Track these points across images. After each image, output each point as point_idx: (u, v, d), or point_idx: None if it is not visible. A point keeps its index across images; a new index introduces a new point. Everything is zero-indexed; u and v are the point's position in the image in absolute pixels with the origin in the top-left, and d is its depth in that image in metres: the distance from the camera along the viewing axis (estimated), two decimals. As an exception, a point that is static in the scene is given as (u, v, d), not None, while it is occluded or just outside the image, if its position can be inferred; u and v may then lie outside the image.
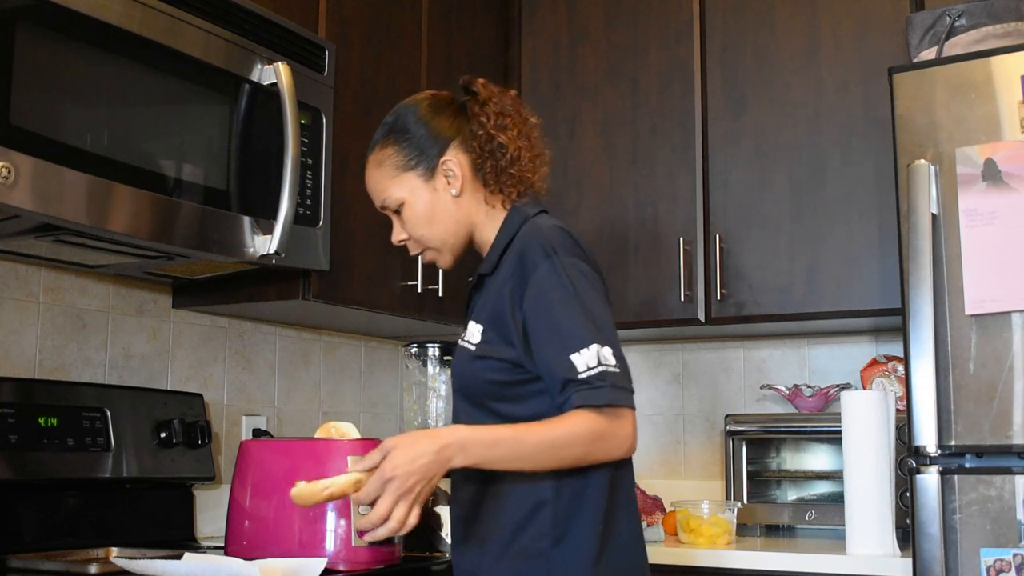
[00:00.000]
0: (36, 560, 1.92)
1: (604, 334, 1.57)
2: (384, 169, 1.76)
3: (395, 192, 1.75)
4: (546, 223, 1.70)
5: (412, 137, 1.74)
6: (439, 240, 1.76)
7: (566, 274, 1.60)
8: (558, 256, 1.61)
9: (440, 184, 1.73)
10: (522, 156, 1.74)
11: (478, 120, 1.74)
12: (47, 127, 1.71)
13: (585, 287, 1.61)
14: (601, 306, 1.62)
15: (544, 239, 1.64)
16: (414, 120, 1.75)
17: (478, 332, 1.67)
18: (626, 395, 1.56)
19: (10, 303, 2.16)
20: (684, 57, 2.99)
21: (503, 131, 1.73)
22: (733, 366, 3.23)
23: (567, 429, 1.55)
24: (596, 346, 1.55)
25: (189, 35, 1.98)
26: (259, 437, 2.53)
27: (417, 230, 1.75)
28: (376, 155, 1.77)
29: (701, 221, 2.92)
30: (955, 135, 2.18)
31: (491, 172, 1.73)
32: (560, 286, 1.59)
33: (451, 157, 1.73)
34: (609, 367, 1.55)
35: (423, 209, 1.74)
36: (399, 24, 2.71)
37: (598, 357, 1.55)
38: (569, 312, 1.58)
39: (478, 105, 1.75)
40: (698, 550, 2.55)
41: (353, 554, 1.95)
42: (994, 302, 2.09)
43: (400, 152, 1.74)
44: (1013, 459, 2.07)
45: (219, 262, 2.16)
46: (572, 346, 1.55)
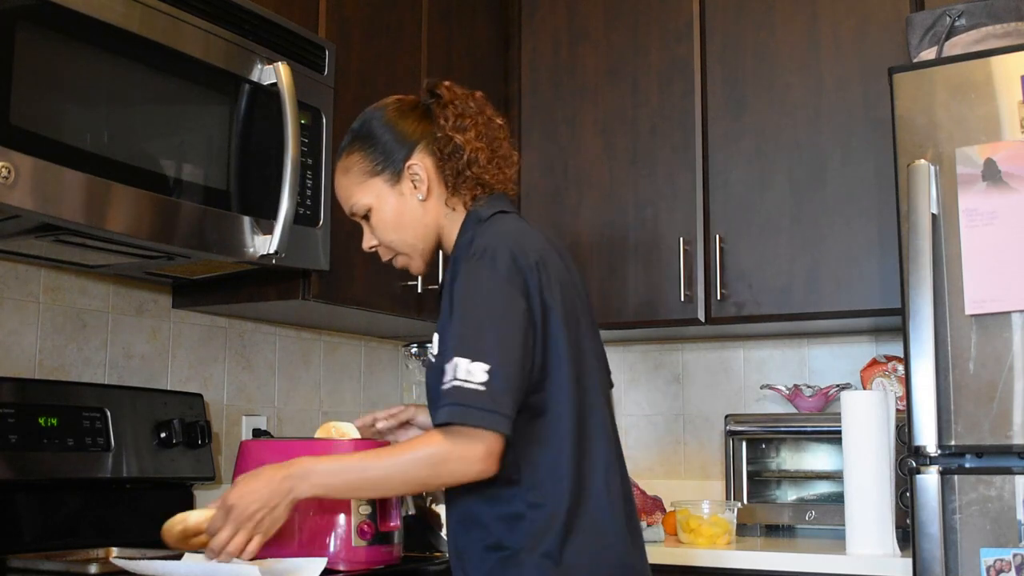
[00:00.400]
0: (36, 560, 1.92)
1: (482, 349, 1.51)
2: (351, 176, 1.75)
3: (362, 198, 1.74)
4: (496, 228, 1.65)
5: (377, 142, 1.73)
6: (408, 245, 1.75)
7: (467, 280, 1.57)
8: (470, 261, 1.58)
9: (407, 188, 1.72)
10: (479, 157, 1.71)
11: (439, 122, 1.72)
12: (47, 127, 1.71)
13: (481, 296, 1.55)
14: (497, 319, 1.54)
15: (477, 243, 1.60)
16: (379, 125, 1.75)
17: (436, 341, 1.65)
18: (479, 415, 1.48)
19: (10, 303, 2.16)
20: (684, 57, 2.99)
21: (460, 132, 1.71)
22: (733, 366, 3.23)
23: (410, 454, 1.55)
24: (461, 359, 1.50)
25: (189, 35, 1.98)
26: (259, 437, 2.53)
27: (386, 236, 1.75)
28: (343, 162, 1.77)
29: (701, 221, 2.92)
30: (955, 135, 2.18)
31: (450, 174, 1.72)
32: (457, 293, 1.57)
33: (416, 161, 1.72)
34: (466, 383, 1.49)
35: (390, 214, 1.73)
36: (399, 24, 2.71)
37: (456, 370, 1.50)
38: (455, 318, 1.55)
39: (439, 107, 1.74)
40: (698, 550, 2.55)
41: (353, 554, 1.95)
42: (994, 302, 2.09)
43: (366, 158, 1.74)
44: (1013, 459, 2.07)
45: (219, 262, 2.16)
46: (445, 355, 1.54)
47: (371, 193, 1.73)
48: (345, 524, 1.94)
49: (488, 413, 1.49)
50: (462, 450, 1.51)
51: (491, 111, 1.77)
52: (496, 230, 1.64)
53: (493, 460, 1.52)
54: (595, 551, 1.59)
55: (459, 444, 1.51)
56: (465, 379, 1.49)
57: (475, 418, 1.49)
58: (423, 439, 1.56)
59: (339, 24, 2.49)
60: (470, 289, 1.57)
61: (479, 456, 1.51)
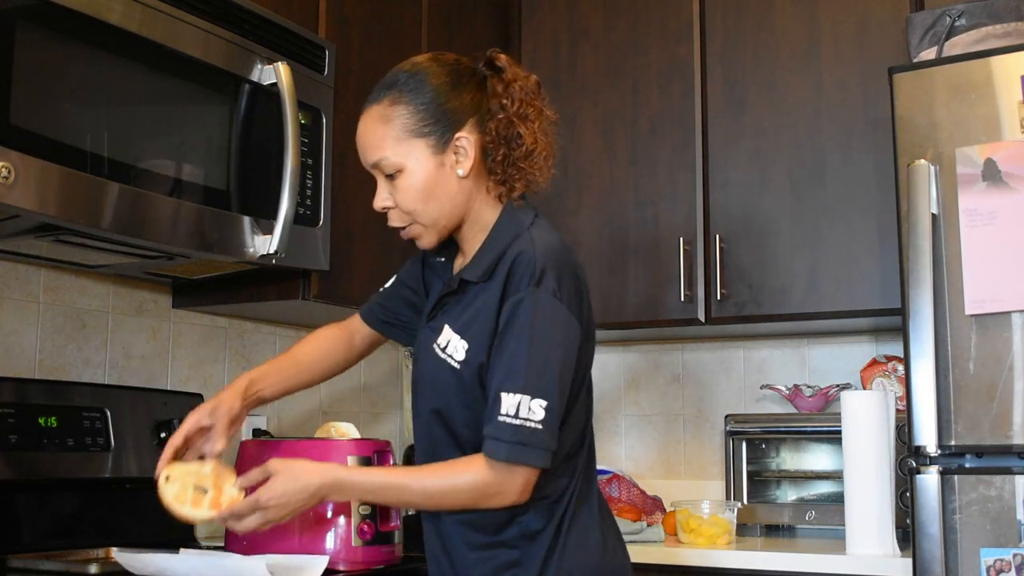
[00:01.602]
0: (36, 560, 1.92)
1: (543, 385, 1.50)
2: (390, 127, 1.60)
3: (396, 156, 1.60)
4: (543, 239, 1.59)
5: (429, 102, 1.59)
6: (430, 218, 1.63)
7: (535, 311, 1.52)
8: (539, 288, 1.53)
9: (449, 160, 1.60)
10: (537, 152, 1.63)
11: (499, 101, 1.61)
12: (47, 127, 1.71)
13: (546, 330, 1.52)
14: (557, 354, 1.53)
15: (536, 263, 1.54)
16: (436, 83, 1.60)
17: (462, 349, 1.59)
18: (532, 453, 1.50)
19: (10, 303, 2.16)
20: (684, 57, 2.99)
21: (524, 121, 1.61)
22: (733, 366, 3.23)
23: (455, 482, 1.54)
24: (523, 396, 1.49)
25: (189, 35, 1.98)
26: (259, 437, 2.53)
27: (410, 203, 1.61)
28: (383, 109, 1.61)
29: (701, 221, 2.92)
30: (955, 135, 2.18)
31: (500, 161, 1.61)
32: (524, 320, 1.52)
33: (466, 134, 1.60)
34: (528, 422, 1.49)
35: (423, 182, 1.60)
36: (399, 24, 2.71)
37: (518, 407, 1.49)
38: (519, 349, 1.51)
39: (501, 84, 1.63)
40: (698, 550, 2.55)
41: (353, 554, 1.95)
42: (994, 302, 2.09)
43: (414, 115, 1.59)
44: (1013, 459, 2.07)
45: (219, 262, 2.16)
46: (504, 384, 1.51)
47: (409, 154, 1.59)
48: (345, 524, 1.94)
49: (539, 451, 1.51)
50: (504, 484, 1.52)
51: (545, 102, 1.68)
52: (550, 245, 1.59)
53: (528, 491, 1.54)
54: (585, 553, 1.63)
55: (502, 477, 1.51)
56: (527, 417, 1.49)
57: (531, 457, 1.50)
58: (465, 466, 1.54)
59: (339, 24, 2.49)
60: (540, 319, 1.52)
61: (518, 490, 1.53)
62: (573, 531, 1.61)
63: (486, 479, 1.52)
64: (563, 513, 1.60)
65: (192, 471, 1.68)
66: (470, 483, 1.53)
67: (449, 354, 1.60)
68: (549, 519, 1.59)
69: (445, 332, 1.62)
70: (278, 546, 1.94)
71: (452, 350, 1.60)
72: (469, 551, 1.62)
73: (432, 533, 1.68)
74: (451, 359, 1.60)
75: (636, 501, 2.89)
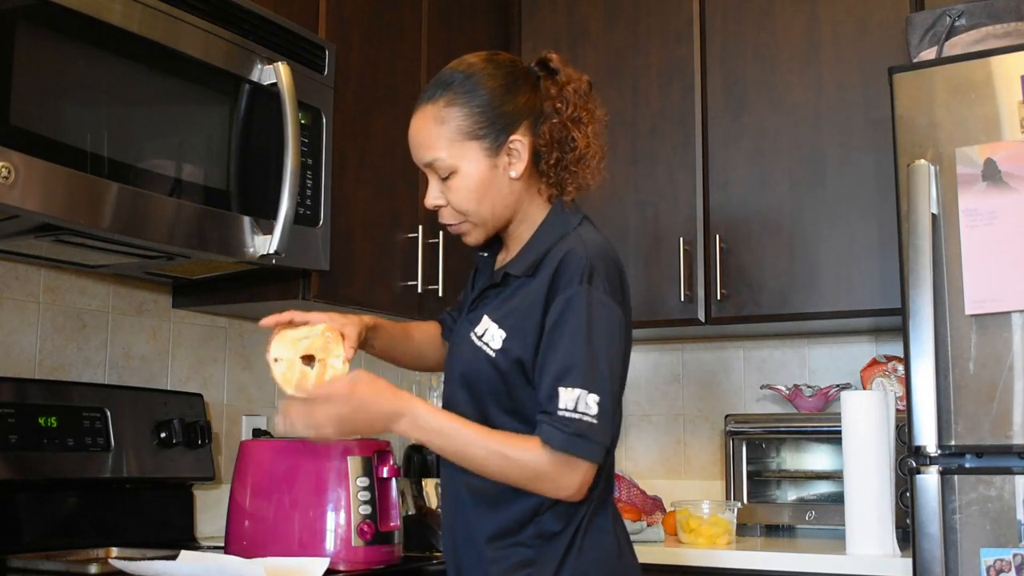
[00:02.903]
0: (36, 560, 1.92)
1: (598, 380, 1.52)
2: (445, 129, 1.61)
3: (450, 158, 1.61)
4: (592, 238, 1.61)
5: (484, 104, 1.60)
6: (482, 218, 1.64)
7: (590, 308, 1.53)
8: (591, 286, 1.54)
9: (502, 162, 1.62)
10: (592, 157, 1.66)
11: (553, 104, 1.64)
12: (47, 127, 1.71)
13: (602, 327, 1.54)
14: (611, 351, 1.55)
15: (586, 260, 1.56)
16: (491, 86, 1.61)
17: (499, 338, 1.60)
18: (589, 447, 1.50)
19: (10, 303, 2.16)
20: (684, 57, 2.99)
21: (578, 124, 1.64)
22: (733, 366, 3.23)
23: (517, 455, 1.53)
24: (582, 391, 1.50)
25: (189, 35, 1.98)
26: (259, 437, 2.53)
27: (464, 204, 1.63)
28: (438, 110, 1.62)
29: (701, 221, 2.92)
30: (955, 135, 2.18)
31: (553, 164, 1.64)
32: (578, 317, 1.53)
33: (520, 137, 1.62)
34: (586, 416, 1.50)
35: (477, 184, 1.61)
36: (399, 24, 2.71)
37: (577, 401, 1.50)
38: (574, 345, 1.52)
39: (555, 87, 1.65)
40: (698, 550, 2.55)
41: (353, 554, 1.95)
42: (994, 302, 2.09)
43: (469, 117, 1.60)
44: (1013, 459, 2.07)
45: (219, 262, 2.16)
46: (562, 379, 1.52)
47: (463, 156, 1.60)
48: (345, 524, 1.94)
49: (595, 445, 1.51)
50: (563, 477, 1.52)
51: (597, 103, 1.70)
52: (597, 243, 1.61)
53: (584, 488, 1.54)
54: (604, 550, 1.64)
55: (563, 470, 1.51)
56: (584, 412, 1.50)
57: (587, 451, 1.51)
58: (531, 447, 1.53)
59: (339, 24, 2.49)
60: (594, 315, 1.53)
61: (575, 484, 1.53)
62: (589, 535, 1.60)
63: (547, 464, 1.51)
64: (582, 517, 1.60)
65: (300, 338, 1.68)
66: (532, 461, 1.52)
67: (485, 342, 1.61)
68: (568, 522, 1.59)
69: (483, 322, 1.63)
70: (278, 548, 1.94)
71: (488, 338, 1.61)
72: (486, 546, 1.61)
73: (448, 528, 1.68)
74: (487, 347, 1.60)
75: (636, 501, 2.89)
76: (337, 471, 1.96)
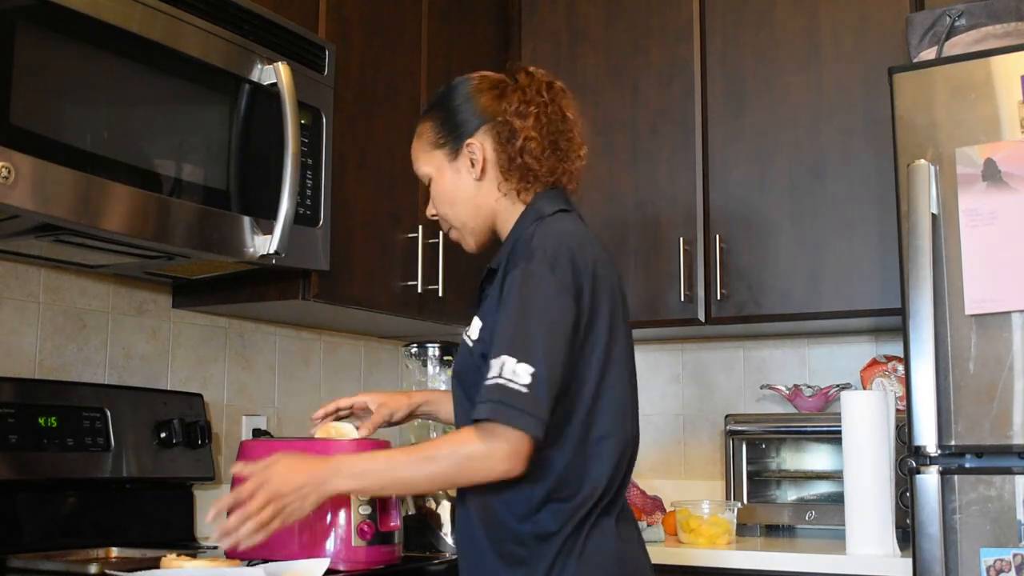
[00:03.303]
0: (36, 560, 1.92)
1: (530, 350, 1.51)
2: (420, 142, 1.80)
3: (424, 167, 1.79)
4: (555, 227, 1.65)
5: (449, 115, 1.76)
6: (459, 221, 1.78)
7: (524, 283, 1.56)
8: (529, 264, 1.57)
9: (463, 165, 1.75)
10: (532, 146, 1.70)
11: (504, 105, 1.74)
12: (47, 127, 1.71)
13: (534, 300, 1.55)
14: (543, 323, 1.54)
15: (534, 243, 1.61)
16: (458, 97, 1.77)
17: (477, 328, 1.67)
18: (516, 415, 1.48)
19: (10, 303, 2.16)
20: (684, 57, 2.99)
21: (520, 118, 1.71)
22: (733, 366, 3.23)
23: (439, 450, 1.55)
24: (508, 358, 1.50)
25: (189, 35, 1.98)
26: (259, 437, 2.53)
27: (440, 208, 1.80)
28: (419, 126, 1.82)
29: (701, 221, 2.92)
30: (955, 135, 2.18)
31: (507, 161, 1.72)
32: (514, 293, 1.57)
33: (476, 141, 1.73)
34: (511, 383, 1.49)
35: (446, 188, 1.77)
36: (399, 24, 2.71)
37: (501, 368, 1.50)
38: (506, 319, 1.55)
39: (512, 90, 1.75)
40: (698, 550, 2.55)
41: (353, 554, 1.95)
42: (994, 302, 2.09)
43: (435, 128, 1.78)
44: (1013, 459, 2.07)
45: (219, 262, 2.16)
46: (495, 350, 1.53)
47: (432, 164, 1.78)
48: (345, 524, 1.94)
49: (525, 415, 1.49)
50: (489, 448, 1.51)
51: (566, 102, 1.78)
52: (557, 230, 1.64)
53: (519, 460, 1.52)
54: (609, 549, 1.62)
55: (488, 442, 1.51)
56: (510, 378, 1.50)
57: (512, 417, 1.49)
58: (454, 436, 1.57)
59: (339, 24, 2.49)
60: (528, 290, 1.56)
61: (504, 455, 1.51)
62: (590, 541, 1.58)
63: (469, 445, 1.52)
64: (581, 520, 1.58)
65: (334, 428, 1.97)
66: (451, 450, 1.54)
67: (469, 335, 1.68)
68: (564, 523, 1.57)
69: (474, 320, 1.71)
70: (278, 550, 1.94)
71: (471, 331, 1.68)
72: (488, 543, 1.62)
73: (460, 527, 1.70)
74: (469, 339, 1.68)
75: (636, 501, 2.89)
76: (337, 471, 1.95)
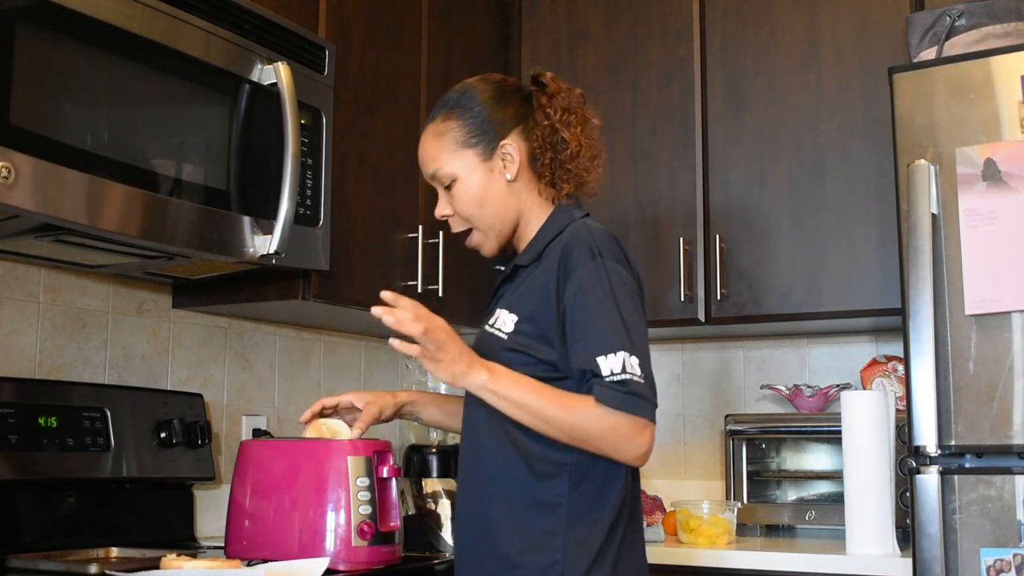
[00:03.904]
0: (36, 560, 1.92)
1: (634, 343, 1.58)
2: (443, 141, 1.77)
3: (450, 167, 1.76)
4: (595, 225, 1.70)
5: (476, 116, 1.76)
6: (486, 223, 1.77)
7: (608, 278, 1.61)
8: (603, 259, 1.62)
9: (497, 166, 1.75)
10: (582, 154, 1.76)
11: (544, 111, 1.76)
12: (47, 127, 1.71)
13: (623, 294, 1.61)
14: (636, 316, 1.62)
15: (592, 240, 1.65)
16: (481, 99, 1.77)
17: (511, 321, 1.67)
18: (645, 406, 1.58)
19: (10, 303, 2.16)
20: (684, 57, 2.99)
21: (567, 127, 1.75)
22: (733, 366, 3.23)
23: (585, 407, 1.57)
24: (624, 353, 1.57)
25: (189, 35, 1.98)
26: (259, 437, 2.53)
27: (467, 209, 1.77)
28: (437, 126, 1.79)
29: (701, 221, 2.92)
30: (955, 135, 2.18)
31: (548, 164, 1.75)
32: (599, 288, 1.60)
33: (511, 142, 1.75)
34: (634, 376, 1.56)
35: (475, 188, 1.75)
36: (399, 24, 2.71)
37: (623, 364, 1.56)
38: (604, 315, 1.59)
39: (545, 97, 1.78)
40: (698, 550, 2.55)
41: (353, 554, 1.95)
42: (994, 302, 2.09)
43: (463, 127, 1.76)
44: (1013, 459, 2.07)
45: (219, 262, 2.16)
46: (600, 349, 1.57)
47: (461, 164, 1.76)
48: (345, 524, 1.94)
49: (651, 406, 1.59)
50: (635, 433, 1.57)
51: (590, 110, 1.82)
52: (602, 230, 1.69)
53: (647, 453, 1.62)
54: None
55: (632, 427, 1.57)
56: (632, 372, 1.56)
57: (646, 410, 1.58)
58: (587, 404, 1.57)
59: (339, 24, 2.49)
60: (613, 284, 1.61)
61: (645, 443, 1.60)
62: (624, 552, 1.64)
63: (616, 421, 1.56)
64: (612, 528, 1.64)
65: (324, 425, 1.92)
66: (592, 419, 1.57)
67: (498, 328, 1.69)
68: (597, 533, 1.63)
69: (497, 313, 1.72)
70: (278, 548, 1.94)
71: (500, 324, 1.69)
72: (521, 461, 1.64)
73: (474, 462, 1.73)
74: (499, 332, 1.68)
75: (636, 501, 2.89)
76: (337, 471, 1.96)
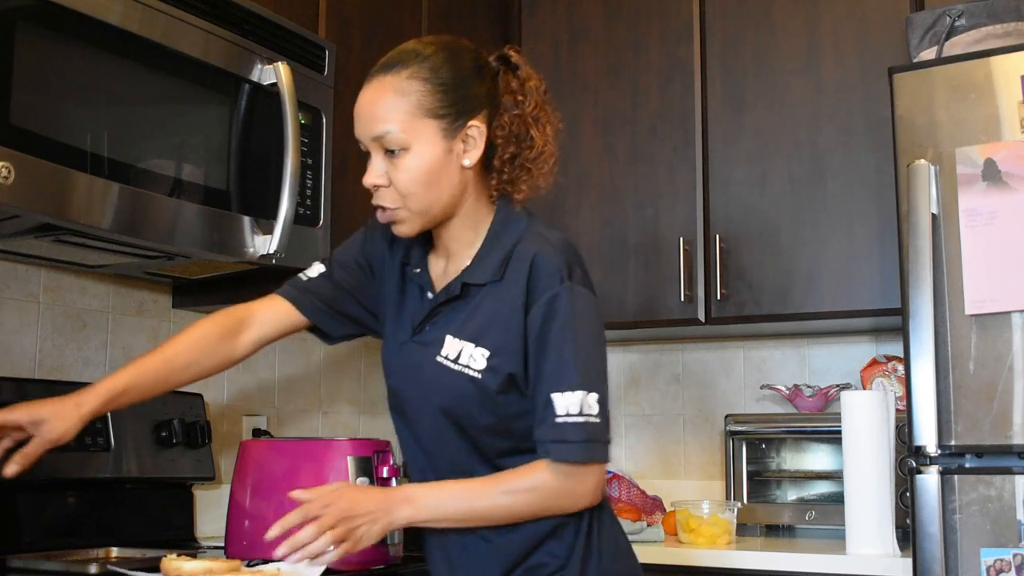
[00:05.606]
0: (36, 560, 1.92)
1: (592, 378, 1.48)
2: (404, 101, 1.51)
3: (404, 132, 1.51)
4: (551, 235, 1.56)
5: (449, 84, 1.52)
6: (424, 205, 1.54)
7: (573, 307, 1.49)
8: (572, 283, 1.50)
9: (457, 148, 1.53)
10: (548, 159, 1.60)
11: (514, 97, 1.58)
12: (47, 127, 1.71)
13: (585, 324, 1.50)
14: (595, 346, 1.52)
15: (560, 258, 1.51)
16: (457, 67, 1.53)
17: (481, 356, 1.51)
18: (601, 449, 1.48)
19: (10, 303, 2.16)
20: (684, 57, 2.99)
21: (537, 123, 1.59)
22: (733, 366, 3.23)
23: (517, 482, 1.49)
24: (582, 392, 1.46)
25: (189, 35, 1.98)
26: (259, 437, 2.53)
27: (409, 185, 1.52)
28: (399, 81, 1.52)
29: (701, 221, 2.92)
30: (955, 135, 2.18)
31: (508, 160, 1.58)
32: (564, 319, 1.48)
33: (478, 124, 1.54)
34: (590, 417, 1.46)
35: (427, 166, 1.51)
36: (399, 24, 2.72)
37: (581, 405, 1.46)
38: (563, 348, 1.48)
39: (516, 81, 1.59)
40: (698, 550, 2.55)
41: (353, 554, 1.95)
42: (994, 302, 2.09)
43: (432, 93, 1.51)
44: (1013, 459, 2.07)
45: (219, 262, 2.16)
46: (557, 385, 1.47)
47: (418, 134, 1.51)
48: (345, 524, 1.94)
49: (606, 446, 1.50)
50: (577, 486, 1.50)
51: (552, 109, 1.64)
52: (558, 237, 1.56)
53: (599, 490, 1.53)
54: None
55: (574, 481, 1.49)
56: (588, 414, 1.47)
57: (600, 454, 1.49)
58: (534, 472, 1.49)
59: (339, 24, 2.49)
60: (579, 313, 1.50)
61: (589, 490, 1.51)
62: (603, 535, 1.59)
63: (558, 483, 1.48)
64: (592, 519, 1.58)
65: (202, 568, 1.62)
66: (541, 487, 1.49)
67: (464, 364, 1.52)
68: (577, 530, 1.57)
69: (449, 343, 1.55)
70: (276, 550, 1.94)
71: (467, 359, 1.52)
72: None
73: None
74: (468, 369, 1.52)
75: (636, 501, 2.89)
76: (337, 471, 1.96)
